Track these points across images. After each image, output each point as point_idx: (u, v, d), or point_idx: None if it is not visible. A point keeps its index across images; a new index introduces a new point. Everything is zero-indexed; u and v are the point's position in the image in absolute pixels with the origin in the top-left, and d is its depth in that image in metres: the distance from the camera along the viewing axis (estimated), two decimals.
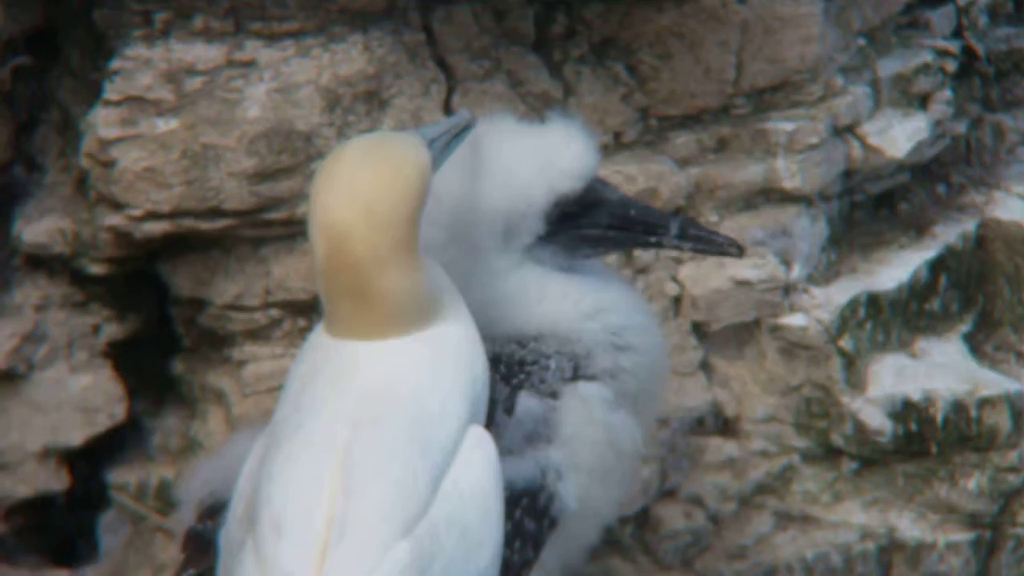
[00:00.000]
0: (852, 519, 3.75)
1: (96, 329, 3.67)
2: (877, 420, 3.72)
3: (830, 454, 3.77)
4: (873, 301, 3.80)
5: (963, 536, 3.75)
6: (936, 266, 3.92)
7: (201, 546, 2.85)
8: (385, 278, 2.59)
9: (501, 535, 2.64)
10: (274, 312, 3.60)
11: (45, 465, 3.65)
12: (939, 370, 3.80)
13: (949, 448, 3.75)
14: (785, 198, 3.75)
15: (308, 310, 3.56)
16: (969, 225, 4.03)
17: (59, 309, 3.65)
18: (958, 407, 3.73)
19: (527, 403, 2.84)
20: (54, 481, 3.67)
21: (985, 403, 3.74)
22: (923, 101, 4.00)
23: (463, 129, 2.80)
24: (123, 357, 3.71)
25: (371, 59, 3.52)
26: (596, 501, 2.90)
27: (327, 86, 3.49)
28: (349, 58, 3.51)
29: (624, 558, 3.74)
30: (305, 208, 2.75)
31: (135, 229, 3.50)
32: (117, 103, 3.46)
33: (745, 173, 3.72)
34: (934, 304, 3.92)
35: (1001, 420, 3.74)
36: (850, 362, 3.74)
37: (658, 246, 3.00)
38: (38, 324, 3.63)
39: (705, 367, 3.76)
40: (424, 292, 2.65)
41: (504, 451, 2.69)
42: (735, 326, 3.75)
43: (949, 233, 4.00)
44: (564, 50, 3.67)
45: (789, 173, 3.72)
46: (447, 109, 3.57)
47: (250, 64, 3.48)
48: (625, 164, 3.64)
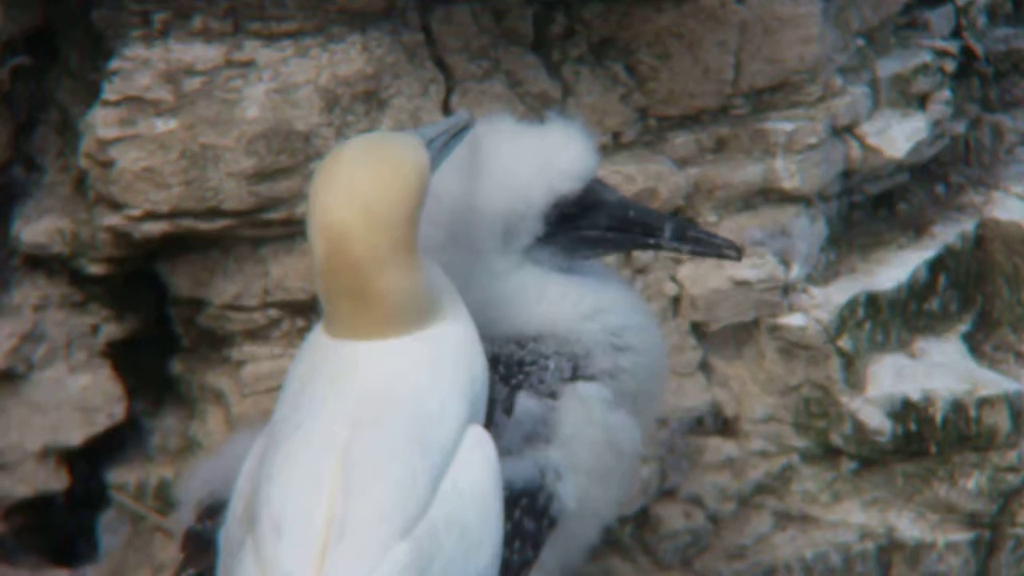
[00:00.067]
0: (851, 519, 3.75)
1: (95, 329, 3.67)
2: (876, 420, 3.72)
3: (829, 454, 3.77)
4: (872, 301, 3.80)
5: (962, 536, 3.75)
6: (935, 266, 3.92)
7: (200, 546, 2.85)
8: (384, 278, 2.59)
9: (500, 535, 2.64)
10: (273, 312, 3.60)
11: (44, 465, 3.65)
12: (938, 370, 3.80)
13: (948, 448, 3.75)
14: (784, 198, 3.75)
15: (307, 310, 3.56)
16: (968, 225, 4.03)
17: (58, 309, 3.65)
18: (957, 407, 3.73)
19: (526, 403, 2.84)
20: (54, 481, 3.67)
21: (984, 403, 3.74)
22: (922, 101, 4.00)
23: (462, 129, 2.80)
24: (122, 357, 3.71)
25: (370, 59, 3.52)
26: (595, 501, 2.90)
27: (326, 86, 3.49)
28: (348, 58, 3.51)
29: (623, 558, 3.74)
30: (304, 208, 2.74)
31: (134, 229, 3.50)
32: (116, 103, 3.46)
33: (744, 173, 3.72)
34: (933, 304, 3.92)
35: (1000, 420, 3.74)
36: (849, 362, 3.73)
37: (656, 248, 3.00)
38: (37, 324, 3.63)
39: (704, 367, 3.76)
40: (423, 292, 2.65)
41: (503, 451, 2.68)
42: (734, 326, 3.75)
43: (948, 233, 3.99)
44: (563, 50, 3.67)
45: (788, 173, 3.72)
46: (446, 109, 3.57)
47: (249, 64, 3.48)
48: (624, 164, 3.64)
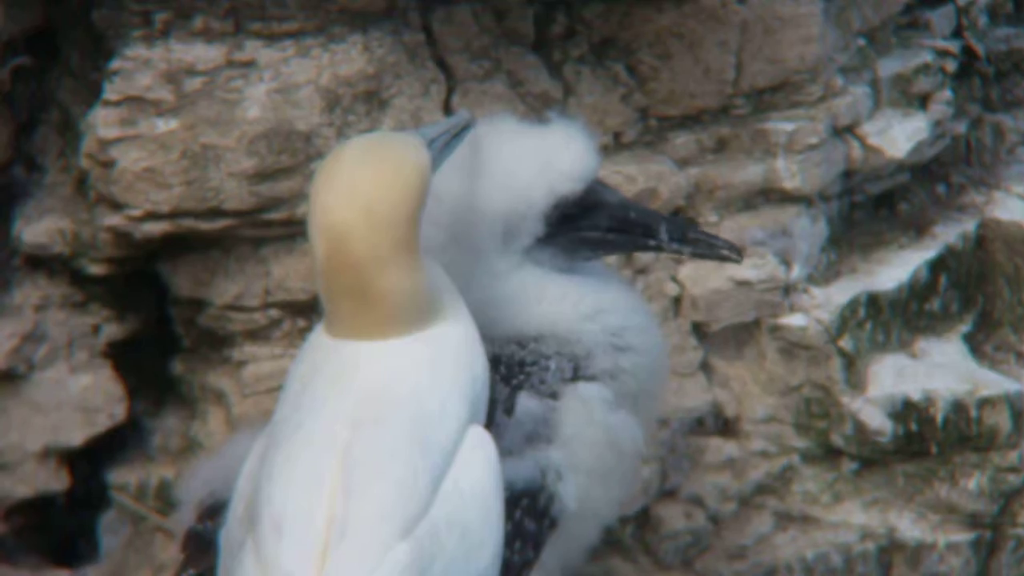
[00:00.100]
0: (852, 519, 3.75)
1: (96, 329, 3.67)
2: (877, 420, 3.72)
3: (830, 454, 3.77)
4: (873, 301, 3.80)
5: (963, 536, 3.75)
6: (936, 266, 3.92)
7: (201, 546, 2.85)
8: (385, 278, 2.59)
9: (501, 535, 2.64)
10: (274, 312, 3.60)
11: (45, 465, 3.65)
12: (939, 370, 3.80)
13: (949, 448, 3.75)
14: (785, 198, 3.75)
15: (308, 310, 3.56)
16: (969, 225, 4.03)
17: (59, 309, 3.65)
18: (958, 407, 3.73)
19: (527, 404, 2.84)
20: (54, 481, 3.67)
21: (985, 403, 3.74)
22: (923, 101, 4.00)
23: (463, 129, 2.80)
24: (123, 357, 3.71)
25: (371, 59, 3.52)
26: (596, 501, 2.90)
27: (327, 86, 3.49)
28: (349, 58, 3.51)
29: (624, 558, 3.74)
30: (305, 208, 2.74)
31: (135, 229, 3.50)
32: (117, 103, 3.46)
33: (745, 173, 3.72)
34: (934, 304, 3.92)
35: (1001, 420, 3.74)
36: (850, 362, 3.73)
37: (657, 250, 2.99)
38: (38, 324, 3.63)
39: (705, 367, 3.76)
40: (424, 292, 2.65)
41: (504, 452, 2.68)
42: (735, 326, 3.75)
43: (949, 233, 3.99)
44: (564, 50, 3.67)
45: (789, 173, 3.72)
46: (447, 109, 3.57)
47: (250, 64, 3.48)
48: (625, 164, 3.64)
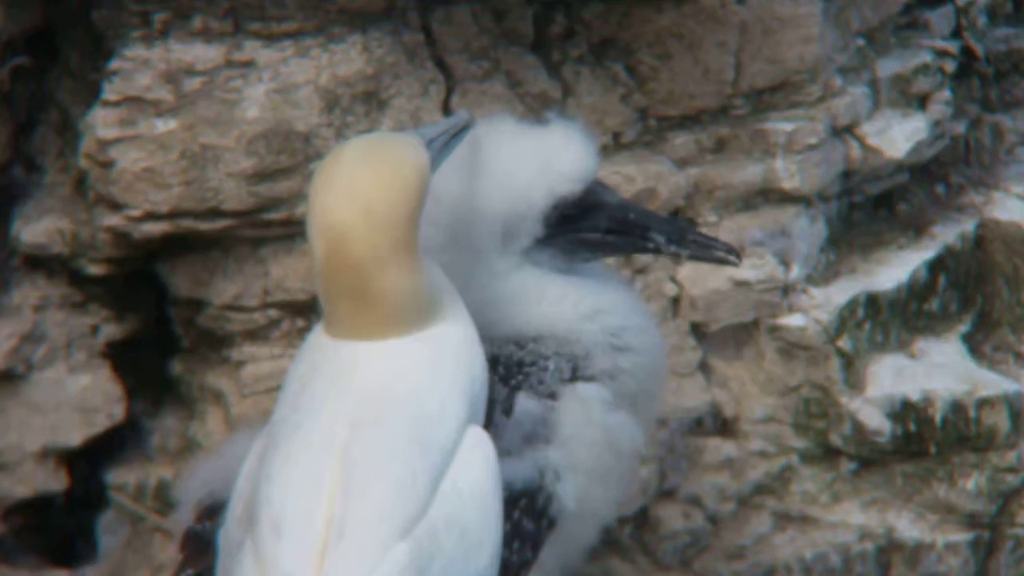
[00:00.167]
0: (851, 519, 3.75)
1: (95, 329, 3.67)
2: (876, 420, 3.72)
3: (829, 454, 3.77)
4: (872, 301, 3.80)
5: (962, 536, 3.75)
6: (935, 266, 3.92)
7: (200, 546, 2.85)
8: (384, 278, 2.59)
9: (500, 536, 2.64)
10: (273, 312, 3.60)
11: (44, 465, 3.65)
12: (938, 370, 3.80)
13: (948, 448, 3.75)
14: (784, 198, 3.75)
15: (307, 310, 3.56)
16: (968, 225, 4.03)
17: (58, 309, 3.65)
18: (957, 407, 3.73)
19: (525, 404, 2.84)
20: (53, 481, 3.67)
21: (984, 403, 3.74)
22: (922, 101, 4.00)
23: (462, 129, 2.80)
24: (122, 357, 3.71)
25: (370, 59, 3.52)
26: (595, 502, 2.90)
27: (326, 86, 3.49)
28: (348, 58, 3.51)
29: (623, 558, 3.74)
30: (304, 208, 2.74)
31: (134, 229, 3.50)
32: (116, 103, 3.45)
33: (744, 173, 3.72)
34: (933, 304, 3.92)
35: (1000, 420, 3.74)
36: (849, 362, 3.73)
37: (656, 252, 2.99)
38: (37, 324, 3.63)
39: (704, 367, 3.76)
40: (423, 292, 2.65)
41: (503, 452, 2.68)
42: (734, 326, 3.75)
43: (948, 233, 3.99)
44: (563, 50, 3.67)
45: (788, 173, 3.72)
46: (446, 109, 3.57)
47: (249, 64, 3.48)
48: (624, 164, 3.64)
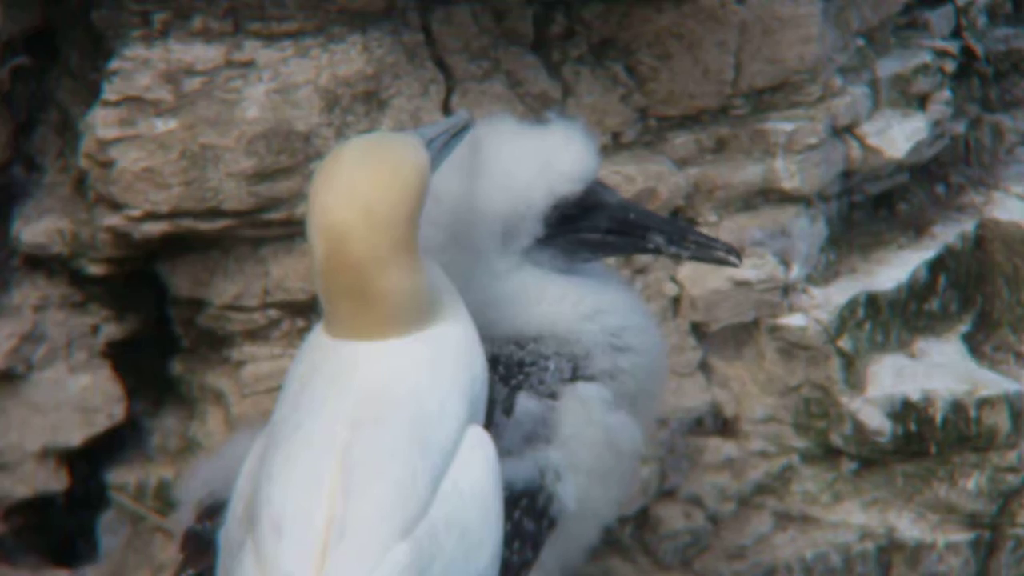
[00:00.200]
0: (851, 519, 3.75)
1: (95, 329, 3.67)
2: (876, 420, 3.72)
3: (829, 454, 3.77)
4: (872, 301, 3.80)
5: (962, 536, 3.75)
6: (935, 266, 3.92)
7: (200, 546, 2.85)
8: (384, 278, 2.59)
9: (500, 536, 2.64)
10: (273, 312, 3.60)
11: (44, 465, 3.65)
12: (938, 370, 3.80)
13: (948, 448, 3.75)
14: (784, 198, 3.74)
15: (307, 310, 3.56)
16: (968, 225, 4.03)
17: (58, 309, 3.65)
18: (957, 407, 3.73)
19: (526, 404, 2.84)
20: (53, 481, 3.67)
21: (984, 403, 3.74)
22: (922, 101, 3.99)
23: (462, 129, 2.79)
24: (122, 357, 3.71)
25: (370, 59, 3.52)
26: (595, 501, 2.89)
27: (326, 86, 3.49)
28: (348, 58, 3.51)
29: (623, 558, 3.74)
30: (304, 208, 2.74)
31: (134, 229, 3.50)
32: (116, 103, 3.45)
33: (744, 173, 3.72)
34: (933, 304, 3.92)
35: (1000, 420, 3.74)
36: (849, 362, 3.73)
37: (656, 252, 2.99)
38: (37, 324, 3.63)
39: (704, 367, 3.76)
40: (423, 292, 2.64)
41: (503, 452, 2.68)
42: (734, 326, 3.75)
43: (948, 233, 3.99)
44: (563, 50, 3.67)
45: (788, 173, 3.72)
46: (446, 109, 3.57)
47: (249, 64, 3.48)
48: (624, 164, 3.64)
